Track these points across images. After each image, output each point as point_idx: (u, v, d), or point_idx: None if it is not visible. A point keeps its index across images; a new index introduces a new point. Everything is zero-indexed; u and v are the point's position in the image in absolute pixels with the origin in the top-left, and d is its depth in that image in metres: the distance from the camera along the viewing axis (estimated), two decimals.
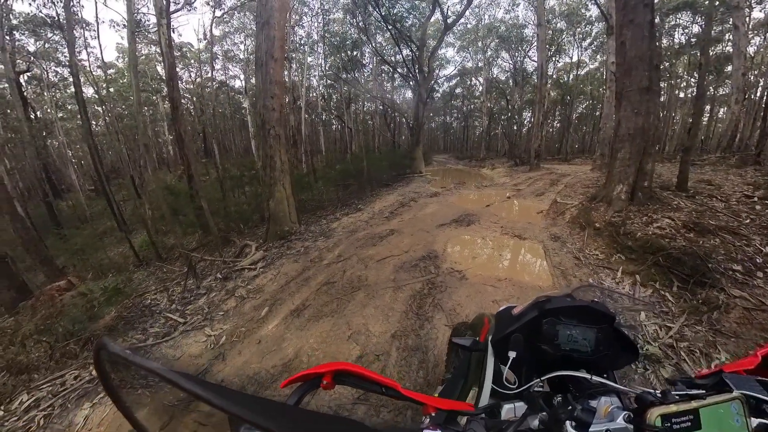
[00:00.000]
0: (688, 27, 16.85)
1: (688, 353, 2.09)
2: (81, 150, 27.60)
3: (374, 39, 16.40)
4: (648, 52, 4.24)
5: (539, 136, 14.05)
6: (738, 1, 11.16)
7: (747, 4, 12.81)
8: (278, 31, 5.02)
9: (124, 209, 11.01)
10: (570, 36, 20.68)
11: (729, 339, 2.15)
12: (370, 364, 2.20)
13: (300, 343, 2.49)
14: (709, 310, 2.35)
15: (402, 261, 3.85)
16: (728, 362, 0.57)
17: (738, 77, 11.99)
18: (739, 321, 2.24)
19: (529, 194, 7.97)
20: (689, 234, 3.26)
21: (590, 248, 3.80)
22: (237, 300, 3.42)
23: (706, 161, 9.38)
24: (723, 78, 16.81)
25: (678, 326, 2.29)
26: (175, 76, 7.59)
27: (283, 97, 5.57)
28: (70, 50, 10.39)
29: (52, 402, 2.26)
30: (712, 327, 2.23)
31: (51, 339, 2.93)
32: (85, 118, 10.15)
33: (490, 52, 22.34)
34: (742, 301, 2.36)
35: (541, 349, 0.68)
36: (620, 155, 4.50)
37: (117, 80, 21.34)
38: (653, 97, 4.41)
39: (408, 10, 13.57)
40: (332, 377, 0.54)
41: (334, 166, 12.40)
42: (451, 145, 39.75)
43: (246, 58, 20.90)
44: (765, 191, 4.49)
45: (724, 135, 12.54)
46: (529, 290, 3.00)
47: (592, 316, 0.68)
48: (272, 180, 5.37)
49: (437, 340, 2.37)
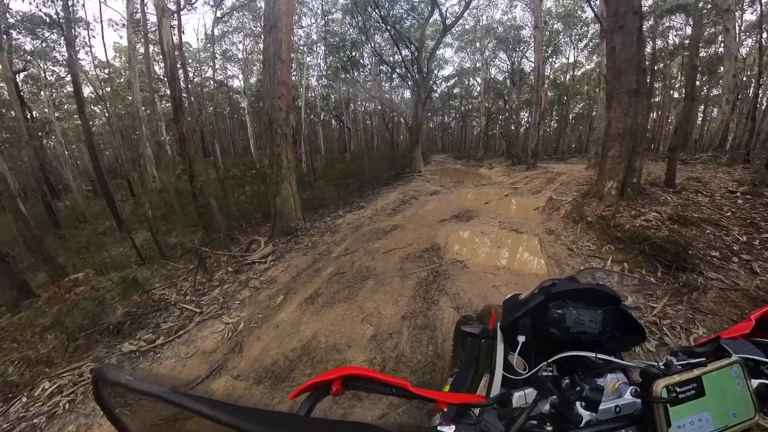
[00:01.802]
0: (681, 29, 17.25)
1: (669, 329, 2.32)
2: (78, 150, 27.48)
3: (373, 39, 16.60)
4: (636, 57, 4.49)
5: (536, 136, 14.34)
6: (729, 4, 11.50)
7: (738, 7, 13.19)
8: (285, 34, 5.20)
9: (123, 209, 11.07)
10: (566, 37, 21.01)
11: (706, 316, 2.38)
12: (383, 341, 2.39)
13: (317, 326, 2.66)
14: (689, 291, 2.58)
15: (407, 253, 4.05)
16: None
17: (729, 78, 12.34)
18: (715, 300, 2.48)
19: (526, 192, 8.21)
20: (674, 225, 3.50)
21: (583, 240, 4.03)
22: (251, 290, 3.58)
23: (698, 160, 9.70)
24: (716, 79, 17.18)
25: (661, 306, 2.52)
26: (176, 75, 7.72)
27: (290, 97, 5.74)
28: (68, 49, 10.45)
29: (74, 390, 2.33)
30: (692, 306, 2.47)
31: (67, 331, 2.99)
32: (83, 118, 10.21)
33: (488, 52, 22.64)
34: (718, 283, 2.60)
35: (550, 332, 0.68)
36: (611, 153, 4.74)
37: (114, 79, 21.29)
38: (641, 99, 4.66)
39: (407, 11, 13.79)
40: (341, 383, 0.54)
41: (333, 165, 12.58)
42: (450, 145, 40.08)
43: (245, 58, 21.01)
44: (748, 187, 4.76)
45: (716, 135, 12.92)
46: (525, 277, 3.22)
47: (598, 298, 0.69)
48: (279, 177, 5.55)
49: (444, 319, 2.59)
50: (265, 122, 5.58)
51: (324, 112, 22.31)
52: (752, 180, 5.05)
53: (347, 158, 15.25)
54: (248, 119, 20.12)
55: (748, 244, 3.09)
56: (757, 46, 10.54)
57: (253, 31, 18.86)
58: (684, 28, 16.83)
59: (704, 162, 9.14)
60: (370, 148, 20.42)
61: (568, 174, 10.40)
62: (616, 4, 4.64)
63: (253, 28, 18.66)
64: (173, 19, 9.24)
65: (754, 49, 13.55)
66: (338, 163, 13.43)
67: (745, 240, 3.14)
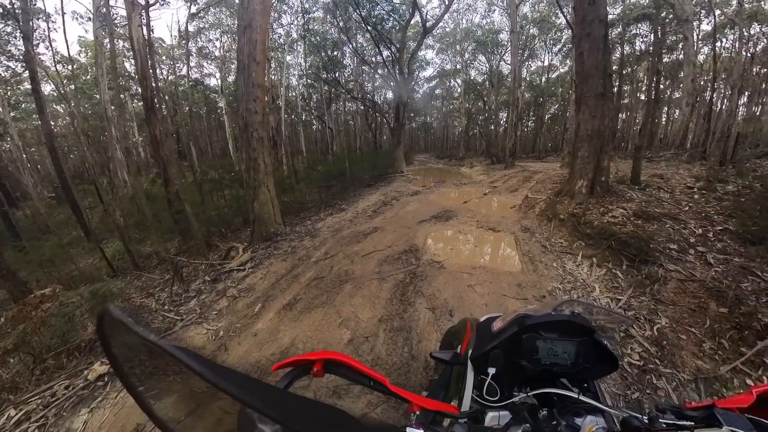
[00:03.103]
0: (646, 36, 18.32)
1: (634, 320, 2.43)
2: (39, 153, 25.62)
3: (355, 39, 16.53)
4: (602, 62, 4.71)
5: (514, 136, 14.78)
6: (687, 15, 12.43)
7: (696, 18, 14.23)
8: (260, 35, 5.05)
9: (91, 217, 10.36)
10: (542, 42, 21.82)
11: (667, 306, 2.51)
12: (360, 345, 2.37)
13: (294, 333, 2.61)
14: (651, 283, 2.72)
15: (386, 255, 4.05)
16: (722, 398, 0.57)
17: (688, 83, 13.29)
18: (674, 291, 2.62)
19: (504, 190, 8.43)
20: (638, 221, 3.69)
21: (556, 237, 4.17)
22: (229, 299, 3.46)
23: (662, 158, 10.32)
24: (677, 83, 18.40)
25: (626, 298, 2.64)
26: (148, 74, 7.34)
27: (266, 100, 5.58)
28: (26, 43, 9.68)
29: (45, 413, 2.18)
30: (654, 297, 2.60)
31: (33, 352, 2.78)
32: (44, 118, 9.52)
33: (468, 55, 23.14)
34: (677, 274, 2.76)
35: (521, 365, 0.68)
36: (581, 154, 4.94)
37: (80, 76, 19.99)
38: (607, 103, 4.89)
39: (388, 12, 13.82)
40: (323, 365, 0.54)
41: (315, 167, 12.39)
42: (432, 145, 40.55)
43: (222, 56, 20.34)
44: (704, 183, 5.09)
45: (678, 134, 13.88)
46: (500, 276, 3.29)
47: (573, 329, 0.68)
48: (256, 182, 5.39)
49: (419, 320, 2.60)
50: (240, 126, 5.40)
51: (305, 112, 21.98)
52: (707, 176, 5.42)
53: (329, 159, 15.09)
54: (226, 120, 19.50)
55: (703, 236, 3.30)
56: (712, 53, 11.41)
57: (231, 28, 18.27)
58: (649, 35, 17.91)
59: (667, 159, 9.72)
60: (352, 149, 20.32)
61: (544, 172, 10.77)
62: (584, 12, 4.84)
63: (231, 24, 18.08)
64: (143, 15, 8.80)
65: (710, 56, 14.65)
66: (320, 164, 13.26)
67: (701, 233, 3.35)
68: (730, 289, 2.42)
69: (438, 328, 2.48)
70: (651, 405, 0.59)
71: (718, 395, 1.76)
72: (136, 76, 9.49)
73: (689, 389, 1.82)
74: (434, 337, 2.37)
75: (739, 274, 2.60)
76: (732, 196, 4.11)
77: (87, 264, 7.34)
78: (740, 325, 2.15)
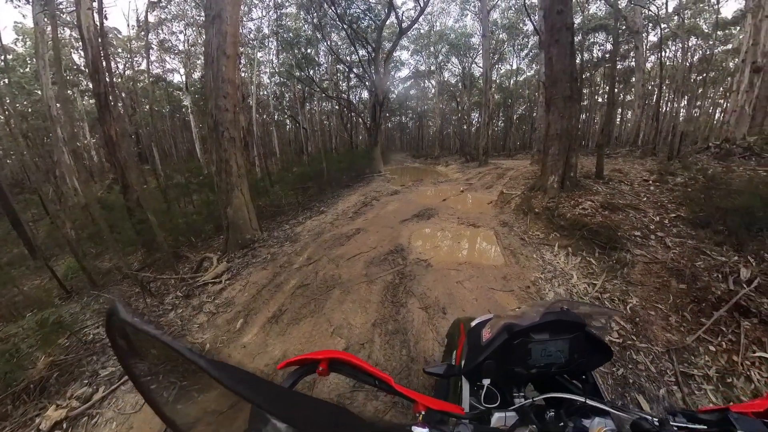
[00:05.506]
0: (603, 44, 19.93)
1: (609, 301, 2.62)
2: None
3: (329, 37, 16.28)
4: (569, 67, 5.04)
5: (486, 135, 15.38)
6: (638, 27, 13.78)
7: (645, 30, 15.78)
8: (231, 26, 4.80)
9: (36, 232, 9.10)
10: (510, 46, 22.92)
11: (636, 287, 2.73)
12: (356, 353, 2.31)
13: (285, 346, 2.48)
14: (621, 267, 2.96)
15: (371, 257, 3.99)
16: (735, 402, 0.58)
17: (639, 87, 14.70)
18: (641, 273, 2.86)
19: (480, 187, 8.72)
20: (605, 212, 3.99)
21: (533, 230, 4.39)
22: (207, 315, 3.22)
23: (619, 154, 11.22)
24: (629, 87, 20.20)
25: (600, 282, 2.84)
26: (101, 67, 6.66)
27: (237, 97, 5.29)
28: None
29: None
30: (625, 279, 2.83)
31: None
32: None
33: (441, 57, 23.68)
34: (642, 258, 3.02)
35: (515, 371, 0.68)
36: (551, 152, 5.25)
37: (16, 69, 17.84)
38: (574, 104, 5.24)
39: (364, 11, 13.77)
40: (328, 365, 0.54)
41: (290, 168, 12.05)
42: (408, 144, 41.04)
43: (187, 50, 19.12)
44: (656, 176, 5.61)
45: (631, 133, 15.26)
46: (486, 270, 3.39)
47: (563, 326, 0.69)
48: (229, 186, 5.07)
49: (413, 321, 2.59)
50: (210, 125, 5.06)
51: (278, 111, 21.32)
52: (659, 170, 5.98)
53: (305, 161, 14.75)
54: (192, 119, 18.34)
55: (660, 223, 3.63)
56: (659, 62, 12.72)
57: (196, 20, 17.20)
58: (605, 44, 19.51)
59: (623, 155, 10.60)
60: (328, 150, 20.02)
61: (516, 169, 11.30)
62: (553, 20, 5.14)
63: (196, 16, 17.02)
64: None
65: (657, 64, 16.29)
66: (295, 166, 12.90)
67: (659, 220, 3.69)
68: (686, 268, 2.69)
69: (433, 327, 2.47)
70: (661, 407, 0.64)
71: (690, 365, 1.93)
72: (87, 69, 8.59)
73: (664, 360, 1.99)
74: (431, 337, 2.36)
75: (693, 254, 2.89)
76: (681, 187, 4.57)
77: (34, 286, 6.42)
78: (698, 298, 2.39)
